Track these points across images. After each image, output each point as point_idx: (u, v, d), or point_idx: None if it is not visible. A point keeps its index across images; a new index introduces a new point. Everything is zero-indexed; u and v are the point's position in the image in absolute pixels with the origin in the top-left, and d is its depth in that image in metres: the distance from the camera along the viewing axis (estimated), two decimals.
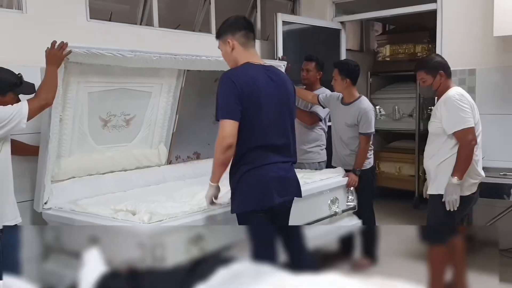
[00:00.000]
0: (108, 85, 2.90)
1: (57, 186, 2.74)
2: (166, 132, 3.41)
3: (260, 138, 2.29)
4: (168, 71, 3.18)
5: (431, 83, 2.95)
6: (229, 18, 2.41)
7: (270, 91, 2.32)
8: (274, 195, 2.29)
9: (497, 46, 3.87)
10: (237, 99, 2.20)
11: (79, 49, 2.48)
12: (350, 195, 3.55)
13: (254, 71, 2.32)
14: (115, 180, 3.04)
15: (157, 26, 3.71)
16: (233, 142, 2.19)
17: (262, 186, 2.28)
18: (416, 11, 4.51)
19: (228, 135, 2.18)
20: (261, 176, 2.28)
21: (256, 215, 2.28)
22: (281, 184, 2.34)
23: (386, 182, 5.79)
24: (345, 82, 3.49)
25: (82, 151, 2.92)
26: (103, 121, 2.99)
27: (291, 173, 2.44)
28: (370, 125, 3.46)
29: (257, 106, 2.27)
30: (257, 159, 2.28)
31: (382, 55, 5.99)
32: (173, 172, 3.46)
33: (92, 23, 3.22)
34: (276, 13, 4.40)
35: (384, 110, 5.85)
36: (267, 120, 2.30)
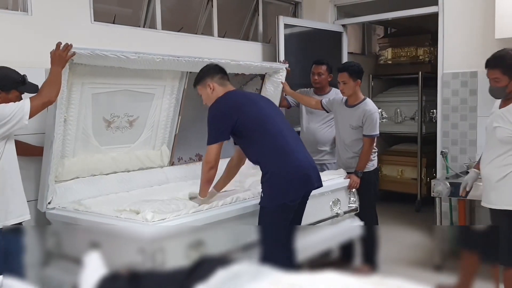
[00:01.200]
0: (111, 86, 2.93)
1: (61, 186, 2.77)
2: (168, 134, 3.43)
3: (274, 139, 2.62)
4: (171, 73, 3.21)
5: (506, 85, 2.58)
6: (203, 67, 2.79)
7: (260, 99, 2.85)
8: (301, 187, 2.60)
9: (499, 49, 3.85)
10: (223, 121, 2.59)
11: (83, 51, 2.51)
12: (352, 196, 3.56)
13: (237, 92, 2.80)
14: (118, 180, 3.06)
15: (160, 28, 3.74)
16: (214, 165, 2.63)
17: (290, 180, 2.55)
18: (418, 13, 4.53)
19: (210, 160, 2.61)
20: (287, 172, 2.55)
21: (284, 208, 2.54)
22: (306, 177, 2.62)
23: (388, 185, 5.79)
24: (356, 83, 3.50)
25: (86, 151, 2.94)
26: (106, 122, 3.01)
27: (313, 164, 2.73)
28: (375, 127, 3.46)
29: (257, 110, 2.67)
30: (279, 158, 2.58)
31: (384, 58, 6.01)
32: (176, 173, 3.48)
33: (96, 25, 3.26)
34: (278, 16, 4.43)
35: (386, 113, 5.86)
36: (274, 123, 2.67)
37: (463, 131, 4.11)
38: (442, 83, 4.21)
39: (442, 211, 3.86)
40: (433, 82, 4.43)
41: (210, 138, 2.59)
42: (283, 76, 3.91)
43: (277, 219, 2.53)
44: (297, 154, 2.62)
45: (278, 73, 3.89)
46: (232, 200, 2.71)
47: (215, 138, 2.58)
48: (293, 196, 2.57)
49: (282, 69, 3.90)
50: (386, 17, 4.89)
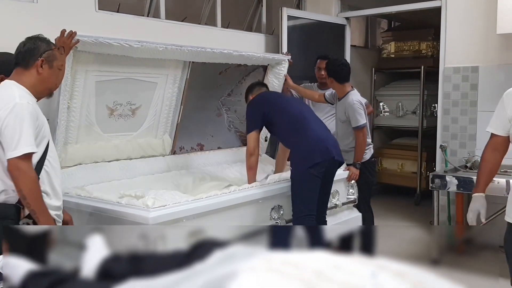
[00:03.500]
0: (115, 74, 2.96)
1: (64, 172, 2.80)
2: (170, 123, 3.46)
3: (295, 119, 3.05)
4: (173, 62, 3.23)
5: None
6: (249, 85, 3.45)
7: (283, 95, 3.66)
8: (320, 155, 2.88)
9: (500, 44, 3.90)
10: (255, 113, 3.12)
11: (87, 39, 2.54)
12: (351, 188, 3.60)
13: (266, 92, 3.38)
14: (121, 168, 3.11)
15: (164, 18, 3.77)
16: (254, 152, 3.05)
17: (309, 149, 2.90)
18: (421, 7, 4.53)
19: (249, 148, 3.07)
20: (307, 142, 2.94)
21: (308, 176, 2.84)
22: (324, 148, 2.92)
23: (388, 178, 5.83)
24: (330, 80, 3.58)
25: (89, 138, 2.98)
26: (109, 110, 3.05)
27: (334, 142, 3.10)
28: (358, 117, 3.46)
29: (281, 100, 3.27)
30: (299, 132, 2.99)
31: (387, 51, 6.02)
32: (177, 162, 3.52)
33: (101, 14, 3.28)
34: (282, 7, 4.44)
35: (387, 106, 5.88)
36: (294, 106, 3.20)
37: (463, 126, 4.14)
38: (443, 77, 4.22)
39: (440, 205, 3.90)
40: (435, 76, 4.44)
41: (247, 129, 3.13)
42: (285, 68, 3.93)
43: (304, 186, 2.85)
44: (315, 127, 3.01)
45: (281, 64, 3.92)
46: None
47: (250, 128, 3.09)
48: (314, 161, 2.84)
49: (285, 60, 3.92)
50: (389, 10, 4.90)
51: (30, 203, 1.89)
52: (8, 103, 1.89)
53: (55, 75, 2.09)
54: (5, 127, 1.87)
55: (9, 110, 1.88)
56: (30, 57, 2.02)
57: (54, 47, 2.10)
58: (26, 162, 1.88)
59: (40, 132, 1.98)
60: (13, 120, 1.87)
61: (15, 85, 1.98)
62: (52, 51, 2.07)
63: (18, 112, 1.88)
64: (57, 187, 2.10)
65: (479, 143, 4.00)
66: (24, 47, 2.04)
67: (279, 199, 2.93)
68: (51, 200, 2.05)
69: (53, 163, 2.08)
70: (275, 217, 2.90)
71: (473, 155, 3.88)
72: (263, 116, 3.08)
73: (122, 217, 2.30)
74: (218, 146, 3.98)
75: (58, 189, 2.11)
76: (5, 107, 1.89)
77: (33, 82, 2.01)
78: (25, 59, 2.02)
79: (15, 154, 1.86)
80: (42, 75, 2.03)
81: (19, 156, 1.86)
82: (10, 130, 1.87)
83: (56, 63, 2.08)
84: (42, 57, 2.02)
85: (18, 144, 1.86)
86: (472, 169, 3.77)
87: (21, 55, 2.03)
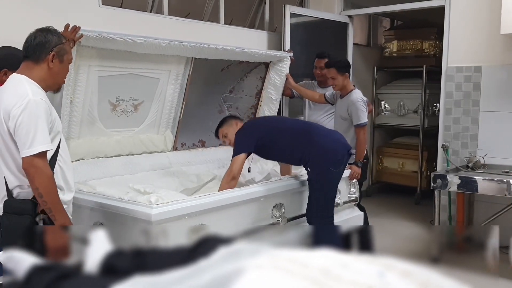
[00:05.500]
0: (118, 70, 2.96)
1: None
2: (172, 119, 3.47)
3: (296, 130, 3.07)
4: (176, 58, 3.23)
5: None
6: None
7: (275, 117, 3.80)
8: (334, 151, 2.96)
9: (504, 44, 3.89)
10: (249, 136, 2.98)
11: (91, 33, 2.54)
12: (352, 187, 3.60)
13: (256, 119, 3.43)
14: (122, 163, 3.11)
15: (167, 14, 3.76)
16: (236, 176, 2.87)
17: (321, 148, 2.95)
18: (424, 6, 4.52)
19: (233, 170, 2.87)
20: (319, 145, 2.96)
21: (328, 173, 2.92)
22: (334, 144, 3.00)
23: (389, 177, 5.83)
24: (344, 76, 3.56)
25: (91, 133, 2.98)
26: (112, 105, 3.05)
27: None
28: (361, 116, 3.48)
29: (271, 120, 3.37)
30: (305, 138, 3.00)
31: (389, 50, 6.00)
32: (179, 158, 3.53)
33: (104, 9, 3.27)
34: (285, 5, 4.43)
35: (389, 105, 5.87)
36: (288, 120, 3.40)
37: (465, 126, 4.13)
38: (446, 76, 4.21)
39: (441, 204, 3.90)
40: (437, 76, 4.43)
41: (234, 152, 2.92)
42: (287, 65, 3.93)
43: (326, 186, 2.92)
44: (321, 132, 3.07)
45: (283, 61, 3.91)
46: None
47: (239, 150, 2.91)
48: (336, 158, 2.91)
49: (287, 57, 3.92)
50: (392, 9, 4.88)
51: (46, 201, 1.85)
52: (21, 100, 1.84)
53: (65, 69, 2.04)
54: (19, 124, 1.83)
55: (23, 107, 1.83)
56: (42, 50, 1.95)
57: (64, 41, 2.05)
58: (41, 160, 1.84)
59: (53, 128, 1.94)
60: (27, 117, 1.82)
61: (26, 80, 1.93)
62: (63, 45, 2.01)
63: (33, 109, 1.83)
64: (70, 180, 2.06)
65: (481, 143, 4.00)
66: (34, 40, 1.97)
67: (280, 197, 2.93)
68: (65, 195, 2.01)
69: (65, 157, 2.04)
70: (276, 215, 2.90)
71: (475, 155, 3.88)
72: (257, 140, 2.96)
73: (124, 213, 2.30)
74: (220, 143, 3.97)
75: (71, 182, 2.07)
76: (18, 103, 1.84)
77: (43, 76, 1.96)
78: (36, 52, 1.96)
79: (31, 152, 1.82)
80: (53, 69, 1.97)
81: (35, 154, 1.82)
82: (25, 127, 1.82)
83: (67, 57, 2.03)
84: (54, 51, 1.97)
85: (33, 142, 1.82)
86: (473, 169, 3.78)
87: (31, 48, 1.97)
